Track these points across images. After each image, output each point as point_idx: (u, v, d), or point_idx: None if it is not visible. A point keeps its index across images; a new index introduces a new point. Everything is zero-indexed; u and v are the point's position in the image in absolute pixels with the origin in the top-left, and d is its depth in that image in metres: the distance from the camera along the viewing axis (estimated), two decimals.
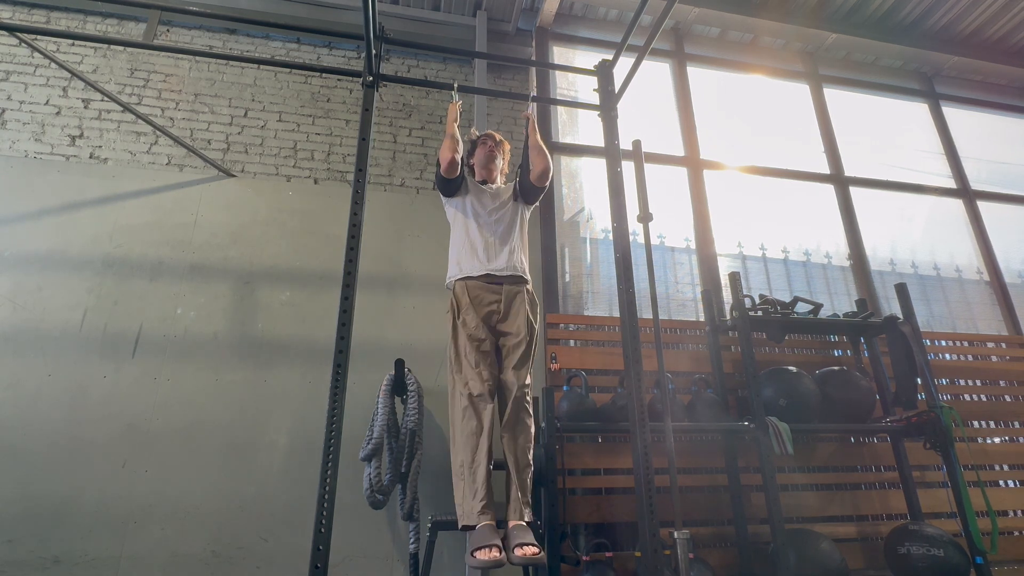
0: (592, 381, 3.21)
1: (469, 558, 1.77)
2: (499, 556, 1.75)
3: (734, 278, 3.24)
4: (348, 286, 1.91)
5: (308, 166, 3.67)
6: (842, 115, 4.88)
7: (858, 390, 3.19)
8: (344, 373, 1.79)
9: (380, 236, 3.48)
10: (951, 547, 2.69)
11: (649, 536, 1.85)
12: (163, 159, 3.51)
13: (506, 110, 4.13)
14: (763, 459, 2.80)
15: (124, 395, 2.87)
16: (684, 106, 4.52)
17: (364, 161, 2.13)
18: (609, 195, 2.39)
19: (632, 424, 2.02)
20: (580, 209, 4.03)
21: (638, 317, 2.16)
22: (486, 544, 1.77)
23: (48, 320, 2.95)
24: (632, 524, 2.97)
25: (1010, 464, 3.60)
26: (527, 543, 1.80)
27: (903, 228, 4.55)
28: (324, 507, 1.60)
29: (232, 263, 3.27)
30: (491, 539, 1.79)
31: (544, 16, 4.36)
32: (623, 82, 2.62)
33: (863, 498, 3.29)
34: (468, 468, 1.95)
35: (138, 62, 3.78)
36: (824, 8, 4.74)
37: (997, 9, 4.75)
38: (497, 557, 1.74)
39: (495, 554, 1.74)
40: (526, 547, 1.78)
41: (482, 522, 1.86)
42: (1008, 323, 4.27)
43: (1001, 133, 5.28)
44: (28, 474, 2.66)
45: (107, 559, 2.58)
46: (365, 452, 2.59)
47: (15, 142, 3.37)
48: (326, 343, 3.12)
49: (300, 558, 2.70)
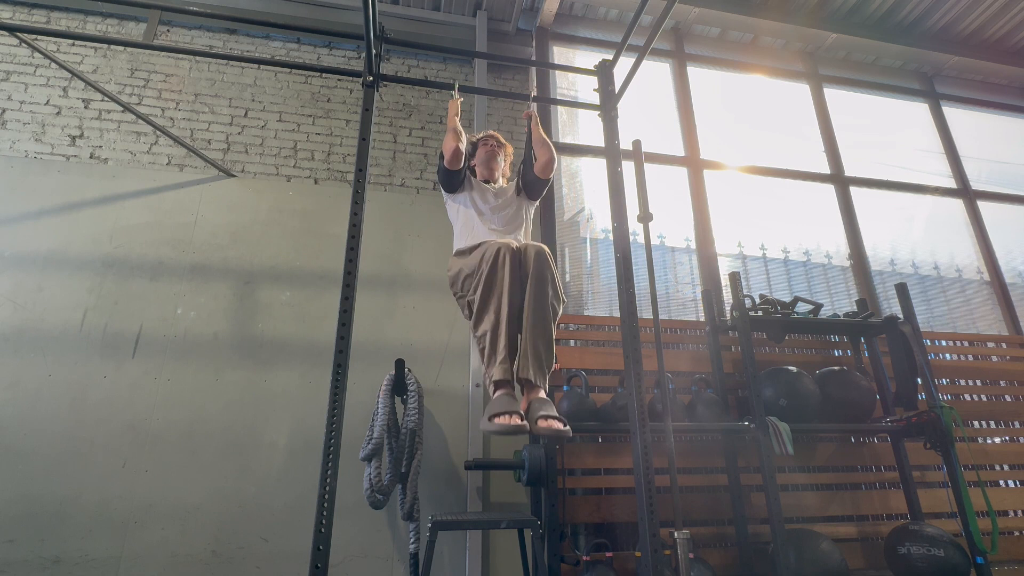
0: (592, 381, 3.21)
1: (486, 423, 1.70)
2: (520, 422, 1.67)
3: (734, 278, 3.24)
4: (348, 286, 1.91)
5: (308, 166, 3.67)
6: (842, 115, 4.88)
7: (858, 390, 3.19)
8: (344, 373, 1.79)
9: (380, 236, 3.48)
10: (951, 547, 2.69)
11: (649, 536, 1.85)
12: (163, 159, 3.51)
13: (506, 110, 4.13)
14: (763, 459, 2.80)
15: (124, 395, 2.87)
16: (684, 106, 4.52)
17: (364, 161, 2.13)
18: (609, 195, 2.39)
19: (632, 424, 2.02)
20: (580, 209, 4.03)
21: (638, 317, 2.16)
22: (506, 411, 1.70)
23: (48, 320, 2.95)
24: (632, 524, 2.97)
25: (1010, 464, 3.60)
26: (551, 415, 1.72)
27: (903, 228, 4.55)
28: (324, 507, 1.60)
29: (232, 263, 3.27)
30: (511, 406, 1.72)
31: (544, 16, 4.35)
32: (623, 82, 2.62)
33: (863, 498, 3.29)
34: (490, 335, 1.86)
35: (138, 62, 3.78)
36: (824, 8, 4.74)
37: (997, 9, 4.75)
38: (519, 423, 1.67)
39: (516, 420, 1.67)
40: (551, 420, 1.71)
41: (501, 376, 1.79)
42: (1008, 323, 4.27)
43: (1001, 133, 5.28)
44: (28, 474, 2.66)
45: (107, 559, 2.58)
46: (365, 452, 2.59)
47: (15, 142, 3.37)
48: (326, 343, 3.13)
49: (300, 558, 2.70)
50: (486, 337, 1.88)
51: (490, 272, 1.93)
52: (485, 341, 1.88)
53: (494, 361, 1.83)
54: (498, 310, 1.87)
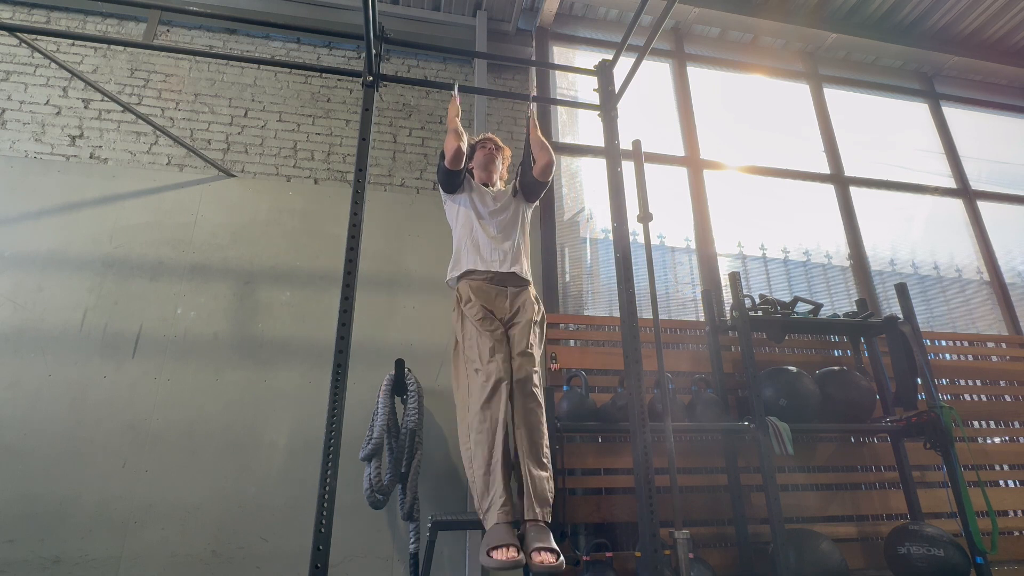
0: (592, 381, 3.21)
1: (484, 557, 1.69)
2: (517, 556, 1.66)
3: (734, 278, 3.24)
4: (348, 286, 1.91)
5: (308, 166, 3.67)
6: (842, 115, 4.88)
7: (858, 390, 3.19)
8: (344, 373, 1.79)
9: (380, 236, 3.48)
10: (951, 547, 2.69)
11: (649, 536, 1.85)
12: (163, 159, 3.51)
13: (506, 110, 4.13)
14: (763, 459, 2.80)
15: (124, 395, 2.87)
16: (684, 106, 4.52)
17: (364, 161, 2.13)
18: (609, 195, 2.39)
19: (632, 424, 2.02)
20: (580, 209, 4.03)
21: (638, 317, 2.16)
22: (502, 544, 1.68)
23: (48, 320, 2.95)
24: (632, 524, 2.97)
25: (1010, 464, 3.60)
26: (545, 547, 1.69)
27: (903, 228, 4.55)
28: (324, 507, 1.60)
29: (232, 263, 3.27)
30: (507, 539, 1.70)
31: (544, 16, 4.36)
32: (623, 82, 2.62)
33: (863, 498, 3.29)
34: (485, 467, 1.83)
35: (138, 62, 3.78)
36: (824, 8, 4.74)
37: (997, 9, 4.75)
38: (515, 557, 1.65)
39: (512, 554, 1.66)
40: (544, 553, 1.68)
41: (499, 520, 1.76)
42: (1008, 323, 4.27)
43: (1001, 133, 5.28)
44: (28, 474, 2.66)
45: (107, 559, 2.58)
46: (365, 452, 2.59)
47: (15, 142, 3.37)
48: (326, 343, 3.13)
49: (300, 558, 2.70)
50: (476, 471, 1.85)
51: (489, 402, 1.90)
52: (475, 474, 1.86)
53: (488, 503, 1.80)
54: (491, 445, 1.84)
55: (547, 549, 1.70)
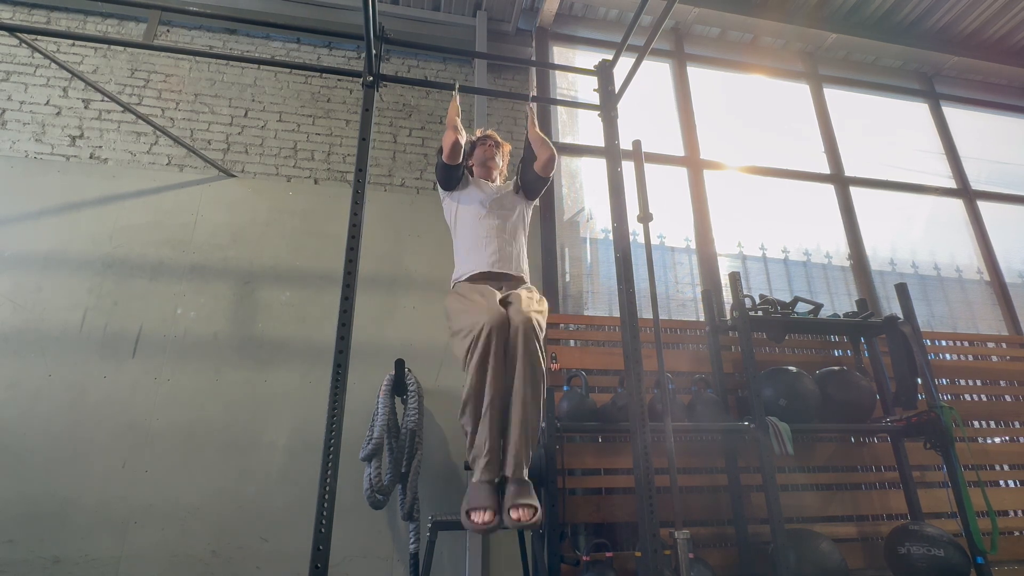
0: (592, 381, 3.21)
1: (464, 518, 1.70)
2: (491, 520, 1.67)
3: (734, 278, 3.24)
4: (348, 286, 1.91)
5: (308, 166, 3.67)
6: (842, 115, 4.88)
7: (858, 390, 3.19)
8: (344, 373, 1.79)
9: (380, 236, 3.48)
10: (951, 547, 2.69)
11: (649, 536, 1.85)
12: (163, 159, 3.51)
13: (506, 110, 4.13)
14: (763, 459, 2.80)
15: (124, 395, 2.87)
16: (684, 106, 4.52)
17: (364, 161, 2.13)
18: (609, 195, 2.39)
19: (632, 424, 2.02)
20: (580, 209, 4.03)
21: (638, 317, 2.16)
22: (481, 506, 1.68)
23: (48, 320, 2.95)
24: (632, 524, 2.97)
25: (1010, 464, 3.60)
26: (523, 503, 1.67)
27: (903, 228, 4.55)
28: (324, 507, 1.60)
29: (232, 263, 3.27)
30: (485, 501, 1.69)
31: (544, 16, 4.36)
32: (623, 82, 2.62)
33: (863, 498, 3.29)
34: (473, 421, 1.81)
35: (138, 62, 3.78)
36: (824, 8, 4.74)
37: (997, 9, 4.75)
38: (491, 521, 1.66)
39: (487, 517, 1.67)
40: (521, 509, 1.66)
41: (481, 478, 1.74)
42: (1008, 323, 4.27)
43: (1001, 133, 5.28)
44: (28, 474, 2.66)
45: (107, 559, 2.58)
46: (365, 452, 2.59)
47: (15, 142, 3.37)
48: (326, 343, 3.13)
49: (300, 558, 2.70)
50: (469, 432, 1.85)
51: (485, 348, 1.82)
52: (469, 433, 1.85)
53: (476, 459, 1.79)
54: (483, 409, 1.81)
55: (524, 505, 1.68)
